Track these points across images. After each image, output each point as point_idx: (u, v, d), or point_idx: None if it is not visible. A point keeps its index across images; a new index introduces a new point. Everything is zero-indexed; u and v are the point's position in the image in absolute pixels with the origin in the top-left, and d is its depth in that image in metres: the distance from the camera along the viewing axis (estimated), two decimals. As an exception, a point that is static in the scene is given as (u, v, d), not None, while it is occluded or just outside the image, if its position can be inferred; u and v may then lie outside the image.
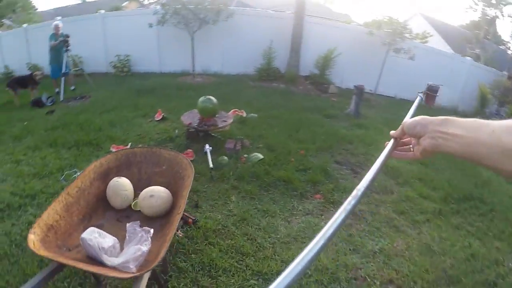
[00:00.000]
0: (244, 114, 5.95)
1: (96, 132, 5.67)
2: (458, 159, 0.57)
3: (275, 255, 2.68)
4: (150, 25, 8.20)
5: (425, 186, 4.18)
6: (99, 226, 2.42)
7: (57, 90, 8.36)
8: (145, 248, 1.98)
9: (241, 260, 2.62)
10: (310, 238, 0.46)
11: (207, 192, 3.79)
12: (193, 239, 2.93)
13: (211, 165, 3.79)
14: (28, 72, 8.44)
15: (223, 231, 3.07)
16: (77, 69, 8.44)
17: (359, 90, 6.93)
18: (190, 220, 3.17)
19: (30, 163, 4.87)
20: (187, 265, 2.63)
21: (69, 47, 8.04)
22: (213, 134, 5.07)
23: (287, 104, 6.74)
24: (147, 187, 2.70)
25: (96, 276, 2.40)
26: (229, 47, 9.20)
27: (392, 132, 0.69)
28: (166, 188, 2.73)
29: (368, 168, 0.62)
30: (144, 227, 2.21)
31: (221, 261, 2.60)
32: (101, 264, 1.96)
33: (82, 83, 8.66)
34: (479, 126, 0.51)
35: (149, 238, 2.10)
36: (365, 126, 6.41)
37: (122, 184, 2.65)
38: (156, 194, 2.53)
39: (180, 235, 2.95)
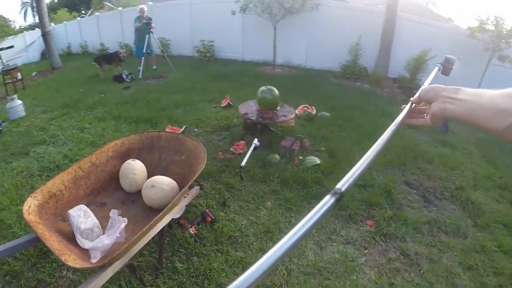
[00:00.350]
0: (314, 112, 5.44)
1: (159, 111, 5.93)
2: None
3: (286, 285, 2.19)
4: (233, 12, 8.32)
5: (510, 235, 3.10)
6: (102, 205, 2.49)
7: (139, 68, 9.03)
8: (107, 241, 1.85)
9: (244, 281, 2.19)
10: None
11: (241, 192, 3.50)
12: (202, 240, 2.65)
13: (243, 163, 3.42)
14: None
15: (240, 239, 2.74)
16: (161, 50, 8.95)
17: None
18: (209, 219, 2.94)
19: (91, 132, 5.39)
20: (183, 267, 2.36)
21: (151, 29, 8.70)
22: (272, 129, 4.72)
23: (366, 106, 5.96)
24: (162, 175, 2.59)
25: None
26: (313, 40, 8.75)
27: (411, 98, 0.77)
28: (180, 180, 2.58)
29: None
30: (121, 217, 2.06)
31: (220, 274, 2.26)
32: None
33: (164, 64, 9.29)
34: (481, 93, 0.59)
35: (120, 230, 1.96)
36: (452, 144, 5.29)
37: (133, 167, 2.61)
38: (157, 186, 2.40)
39: (193, 231, 2.73)
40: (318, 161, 3.91)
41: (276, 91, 4.49)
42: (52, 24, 17.13)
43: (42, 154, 4.59)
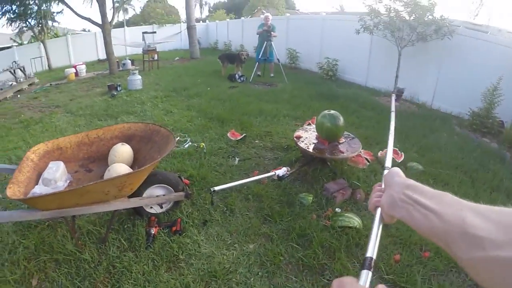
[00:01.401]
0: (401, 158, 4.17)
1: (239, 115, 5.90)
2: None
3: None
4: (357, 32, 7.38)
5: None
6: (88, 171, 2.85)
7: (258, 73, 9.12)
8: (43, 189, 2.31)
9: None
10: None
11: (235, 220, 2.97)
12: (151, 243, 2.55)
13: (223, 186, 2.73)
14: (237, 51, 9.81)
15: (178, 264, 2.38)
16: (277, 59, 8.84)
17: None
18: (174, 228, 2.71)
19: (172, 117, 5.82)
20: (114, 254, 2.39)
21: (271, 38, 8.68)
22: (328, 163, 3.81)
23: (480, 171, 4.15)
24: (144, 165, 2.59)
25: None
26: (446, 75, 6.78)
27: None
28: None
29: None
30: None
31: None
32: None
33: (288, 74, 9.15)
34: (448, 201, 0.45)
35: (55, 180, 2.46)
36: None
37: (117, 150, 2.78)
38: (111, 170, 2.52)
39: (153, 232, 2.61)
40: (355, 223, 2.85)
41: (341, 119, 3.59)
42: (207, 21, 19.34)
43: (124, 122, 5.06)
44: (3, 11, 13.72)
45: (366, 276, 0.53)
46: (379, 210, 0.59)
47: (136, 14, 32.51)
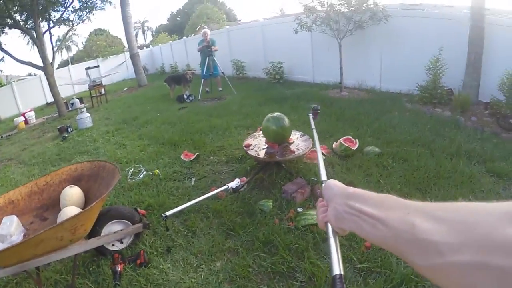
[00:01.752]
0: (355, 146, 4.23)
1: (190, 134, 5.83)
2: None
3: None
4: (295, 31, 7.61)
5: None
6: (44, 219, 2.74)
7: (206, 89, 9.09)
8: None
9: None
10: None
11: (198, 240, 2.87)
12: (117, 281, 2.42)
13: (177, 209, 2.64)
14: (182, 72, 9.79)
15: None
16: (222, 72, 8.89)
17: None
18: (138, 261, 2.60)
19: (125, 149, 5.64)
20: None
21: (211, 52, 8.72)
22: (283, 166, 3.79)
23: (437, 141, 4.31)
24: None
25: None
26: (388, 57, 7.14)
27: None
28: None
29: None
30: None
31: None
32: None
33: (235, 85, 9.21)
34: (392, 204, 0.43)
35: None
36: None
37: (66, 194, 2.72)
38: (62, 215, 2.46)
39: (118, 268, 2.49)
40: (314, 221, 2.82)
41: (285, 120, 3.59)
42: (151, 46, 19.17)
43: (78, 162, 4.95)
44: None
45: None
46: (329, 225, 0.56)
47: (80, 50, 31.63)
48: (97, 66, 12.44)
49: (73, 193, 2.67)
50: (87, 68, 11.28)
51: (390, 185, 3.44)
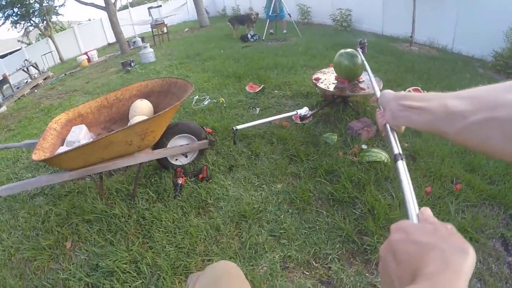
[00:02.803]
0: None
1: (255, 70, 5.68)
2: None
3: None
4: None
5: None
6: (111, 131, 2.61)
7: (271, 31, 8.71)
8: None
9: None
10: None
11: (261, 163, 2.83)
12: (179, 192, 2.49)
13: (235, 127, 2.60)
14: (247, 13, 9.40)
15: (208, 208, 2.32)
16: (289, 14, 8.35)
17: None
18: (200, 175, 2.61)
19: (190, 80, 5.53)
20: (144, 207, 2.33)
21: None
22: (350, 104, 3.57)
23: None
24: None
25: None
26: (464, 17, 6.11)
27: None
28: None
29: None
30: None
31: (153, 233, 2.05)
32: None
33: (301, 29, 8.62)
34: (431, 97, 0.51)
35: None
36: None
37: (136, 106, 2.71)
38: (133, 121, 2.47)
39: (180, 182, 2.53)
40: (382, 157, 2.66)
41: (359, 58, 3.28)
42: None
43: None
44: (5, 15, 13.74)
45: (402, 165, 0.57)
46: (387, 126, 0.65)
47: None
48: (160, 6, 12.35)
49: (143, 105, 2.66)
50: (149, 8, 11.26)
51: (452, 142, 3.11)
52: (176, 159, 2.72)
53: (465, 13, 6.18)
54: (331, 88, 3.37)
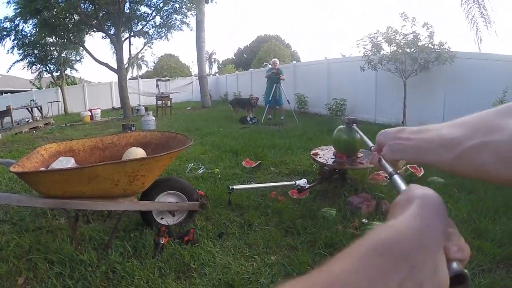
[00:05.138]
0: (421, 173, 3.86)
1: (252, 148, 5.74)
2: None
3: None
4: (362, 69, 7.48)
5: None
6: None
7: (269, 116, 9.12)
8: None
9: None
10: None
11: (254, 233, 2.62)
12: (159, 253, 2.25)
13: (232, 186, 2.44)
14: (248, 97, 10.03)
15: (187, 274, 1.96)
16: (287, 100, 8.94)
17: None
18: (186, 238, 2.40)
19: (187, 150, 5.52)
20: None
21: (280, 81, 8.84)
22: (348, 180, 3.52)
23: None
24: None
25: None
26: (451, 98, 6.62)
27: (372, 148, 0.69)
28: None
29: None
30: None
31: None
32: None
33: (297, 117, 9.17)
34: (428, 128, 0.52)
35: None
36: None
37: (131, 152, 2.64)
38: (127, 153, 2.51)
39: (162, 242, 2.30)
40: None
41: (357, 133, 3.35)
42: (217, 75, 20.30)
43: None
44: (25, 53, 14.40)
45: (399, 178, 0.54)
46: (383, 161, 0.62)
47: (149, 70, 34.37)
48: (168, 80, 13.29)
49: (138, 153, 2.57)
50: (158, 80, 12.14)
51: (457, 210, 3.01)
52: (162, 218, 2.52)
53: (452, 95, 6.66)
54: (330, 162, 3.36)
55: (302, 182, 2.99)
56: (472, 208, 3.02)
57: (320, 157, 3.55)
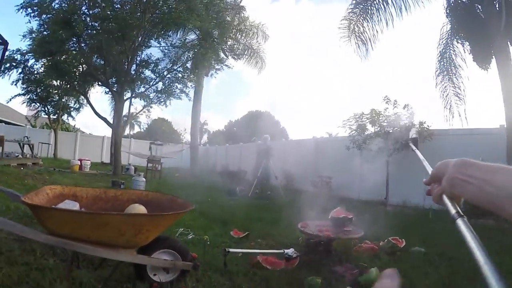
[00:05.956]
0: (402, 244, 4.09)
1: (241, 219, 5.92)
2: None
3: None
4: (347, 148, 8.12)
5: None
6: None
7: (256, 190, 9.38)
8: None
9: None
10: None
11: None
12: None
13: (228, 249, 2.62)
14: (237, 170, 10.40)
15: None
16: (276, 176, 9.25)
17: None
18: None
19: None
20: None
21: (268, 156, 9.43)
22: (333, 252, 3.72)
23: (482, 242, 4.11)
24: None
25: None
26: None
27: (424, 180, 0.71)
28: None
29: None
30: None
31: None
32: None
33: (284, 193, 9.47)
34: (497, 169, 0.49)
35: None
36: None
37: (134, 207, 2.75)
38: (131, 208, 2.60)
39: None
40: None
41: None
42: (207, 145, 20.89)
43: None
44: (28, 89, 14.60)
45: (463, 223, 0.56)
46: (444, 197, 0.61)
47: (142, 131, 35.04)
48: (161, 144, 13.69)
49: (140, 210, 2.69)
50: (151, 143, 12.47)
51: (437, 274, 3.22)
52: (155, 274, 2.58)
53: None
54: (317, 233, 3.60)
55: (290, 251, 3.19)
56: (453, 271, 3.23)
57: (308, 229, 3.78)
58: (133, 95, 12.53)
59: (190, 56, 12.81)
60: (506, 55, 7.05)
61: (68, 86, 13.72)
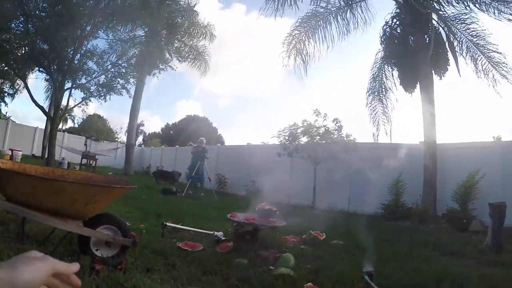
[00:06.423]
0: (322, 237, 4.76)
1: (174, 214, 6.02)
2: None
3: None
4: (279, 155, 8.83)
5: None
6: None
7: (190, 191, 9.54)
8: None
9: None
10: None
11: (178, 273, 2.96)
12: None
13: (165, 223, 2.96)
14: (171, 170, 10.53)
15: None
16: (209, 178, 9.62)
17: (498, 210, 4.90)
18: (119, 266, 2.66)
19: (111, 208, 5.48)
20: None
21: (203, 158, 9.67)
22: (259, 240, 4.19)
23: (397, 238, 5.29)
24: None
25: None
26: (356, 183, 8.43)
27: None
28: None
29: None
30: None
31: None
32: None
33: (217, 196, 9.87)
34: None
35: None
36: (506, 262, 4.23)
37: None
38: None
39: (98, 267, 2.48)
40: (288, 271, 3.14)
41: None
42: (142, 146, 20.40)
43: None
44: None
45: None
46: None
47: (75, 126, 32.49)
48: (97, 140, 13.11)
49: None
50: (87, 137, 11.90)
51: (351, 259, 3.94)
52: (97, 249, 2.74)
53: (356, 180, 8.24)
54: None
55: (220, 234, 3.57)
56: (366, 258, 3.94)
57: (236, 218, 4.22)
58: (74, 85, 11.78)
59: (136, 52, 12.66)
60: (430, 82, 8.45)
61: (7, 68, 12.43)
